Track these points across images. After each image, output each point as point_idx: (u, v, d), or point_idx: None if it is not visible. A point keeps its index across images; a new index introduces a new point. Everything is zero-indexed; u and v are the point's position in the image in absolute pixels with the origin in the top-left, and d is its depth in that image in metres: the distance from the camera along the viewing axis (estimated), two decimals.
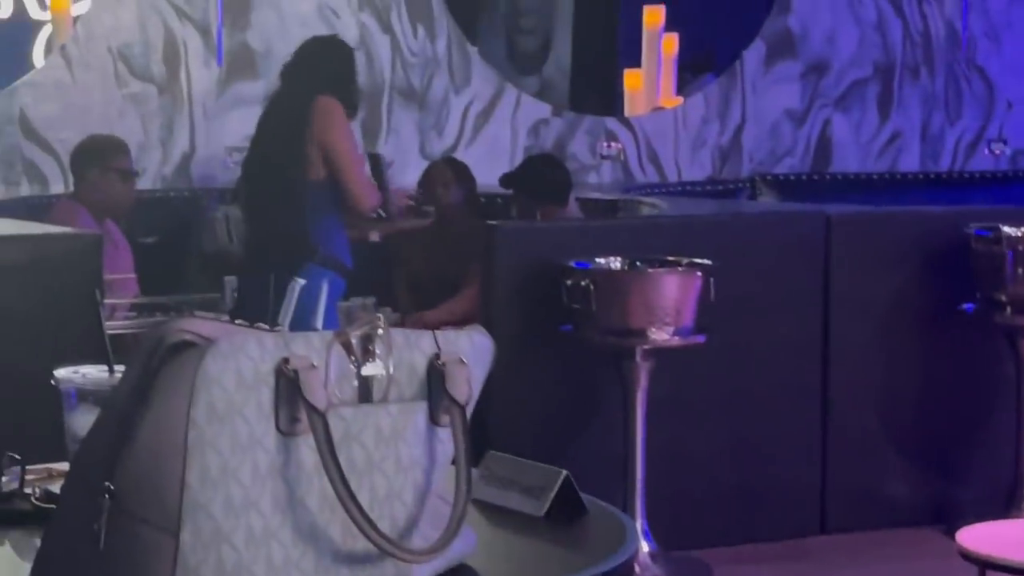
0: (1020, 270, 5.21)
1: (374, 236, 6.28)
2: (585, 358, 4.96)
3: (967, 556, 3.51)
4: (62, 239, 4.63)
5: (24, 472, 2.00)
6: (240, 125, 6.97)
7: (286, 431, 1.55)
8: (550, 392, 5.01)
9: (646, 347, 4.89)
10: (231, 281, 5.82)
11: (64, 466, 2.08)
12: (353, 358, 1.61)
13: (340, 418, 1.58)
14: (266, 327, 1.64)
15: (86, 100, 6.72)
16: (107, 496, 1.53)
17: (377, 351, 1.62)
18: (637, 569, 4.93)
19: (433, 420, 1.65)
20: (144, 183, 6.43)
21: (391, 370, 1.62)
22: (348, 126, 5.55)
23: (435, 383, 1.64)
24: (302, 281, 1.82)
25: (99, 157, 6.07)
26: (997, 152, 8.38)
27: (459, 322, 5.62)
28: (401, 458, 1.62)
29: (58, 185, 6.64)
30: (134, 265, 6.11)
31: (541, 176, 6.24)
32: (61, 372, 1.84)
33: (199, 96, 6.91)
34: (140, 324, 5.58)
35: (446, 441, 1.65)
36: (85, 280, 4.38)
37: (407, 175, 6.88)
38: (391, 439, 1.61)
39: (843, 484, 5.50)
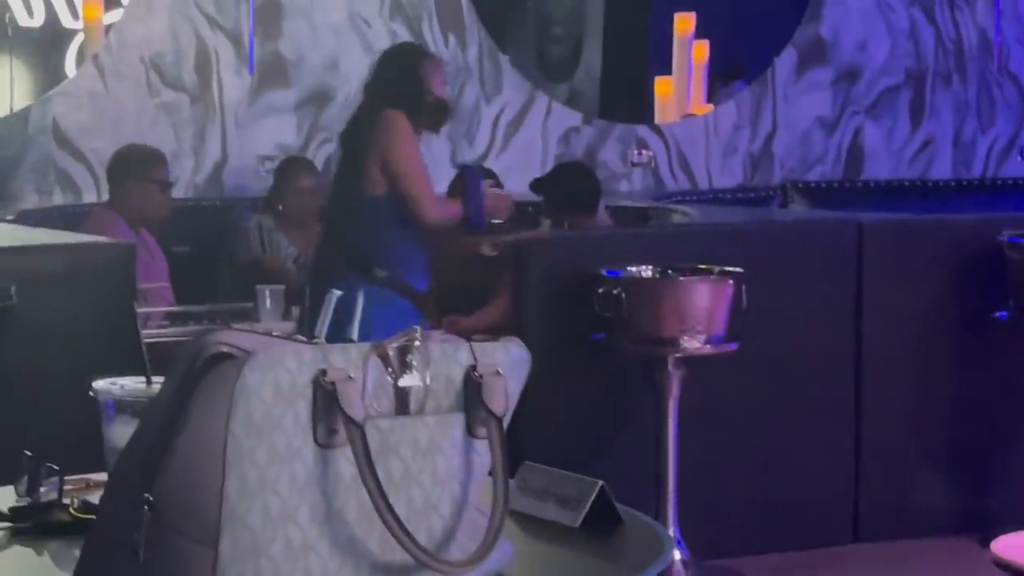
0: None
1: (487, 250, 5.79)
2: (617, 366, 4.96)
3: (1001, 565, 3.49)
4: (97, 248, 4.65)
5: (63, 483, 2.01)
6: (272, 134, 7.00)
7: (324, 443, 1.55)
8: (582, 400, 5.02)
9: (678, 355, 4.89)
10: (263, 290, 5.82)
11: (102, 477, 2.09)
12: (390, 370, 1.61)
13: (377, 430, 1.58)
14: (303, 339, 1.64)
15: (118, 109, 6.75)
16: (146, 507, 1.53)
17: (414, 363, 1.62)
18: None
19: (470, 432, 1.65)
20: (176, 192, 6.45)
21: (428, 382, 1.62)
22: (411, 138, 5.24)
23: (472, 395, 1.64)
24: (338, 292, 1.82)
25: (137, 167, 6.10)
26: None
27: (491, 330, 5.59)
28: (438, 470, 1.62)
29: (91, 194, 6.67)
30: (168, 274, 6.13)
31: (571, 184, 6.23)
32: (99, 383, 1.85)
33: (231, 105, 6.93)
34: (174, 333, 5.58)
35: (483, 453, 1.65)
36: (120, 289, 4.41)
37: (437, 185, 6.89)
38: (428, 451, 1.62)
39: (876, 493, 5.49)
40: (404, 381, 1.61)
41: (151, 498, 1.53)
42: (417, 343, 1.62)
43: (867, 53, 8.01)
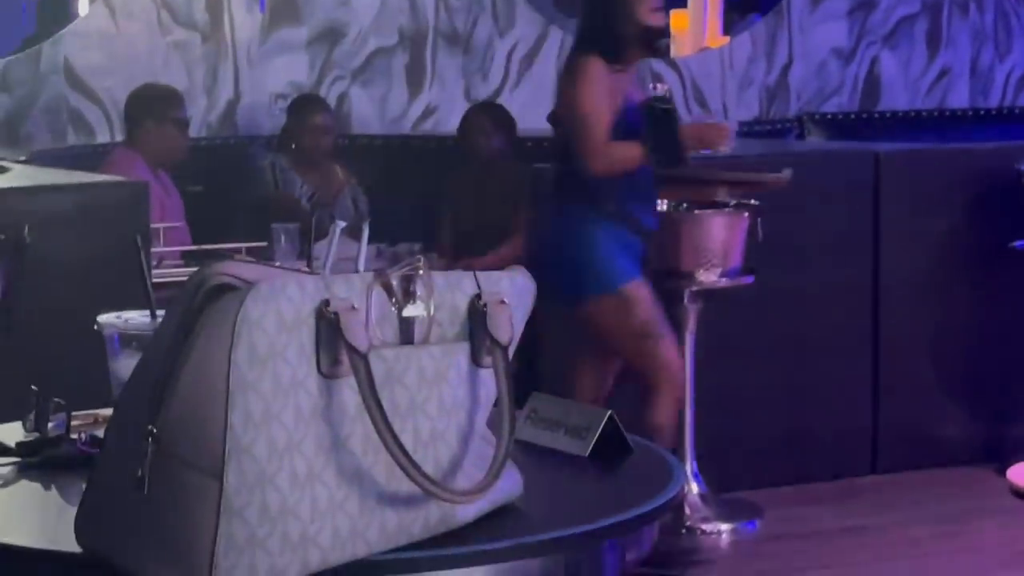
0: None
1: (722, 195, 5.09)
2: None
3: (1018, 493, 3.49)
4: (110, 188, 4.64)
5: (70, 418, 2.00)
6: (284, 71, 6.96)
7: (328, 373, 1.54)
8: None
9: (694, 288, 4.89)
10: (278, 229, 5.81)
11: (110, 412, 2.08)
12: (394, 299, 1.60)
13: (382, 359, 1.57)
14: (307, 271, 1.63)
15: (130, 49, 6.72)
16: (151, 439, 1.52)
17: (418, 292, 1.61)
18: (687, 510, 4.94)
19: (475, 361, 1.64)
20: (190, 131, 6.42)
21: (432, 311, 1.61)
22: (592, 83, 4.72)
23: (477, 324, 1.63)
24: (343, 223, 1.80)
25: (156, 106, 6.08)
26: None
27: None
28: (444, 399, 1.61)
29: (104, 135, 6.65)
30: (184, 214, 6.13)
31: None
32: (104, 317, 1.84)
33: (243, 43, 6.90)
34: (190, 273, 5.59)
35: (489, 382, 1.64)
36: (132, 228, 4.40)
37: (451, 120, 6.86)
38: (434, 380, 1.61)
39: (894, 424, 5.49)
40: (408, 311, 1.60)
41: (155, 430, 1.52)
42: (421, 272, 1.61)
43: None
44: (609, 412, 1.96)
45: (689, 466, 4.99)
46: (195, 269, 5.01)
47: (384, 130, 7.08)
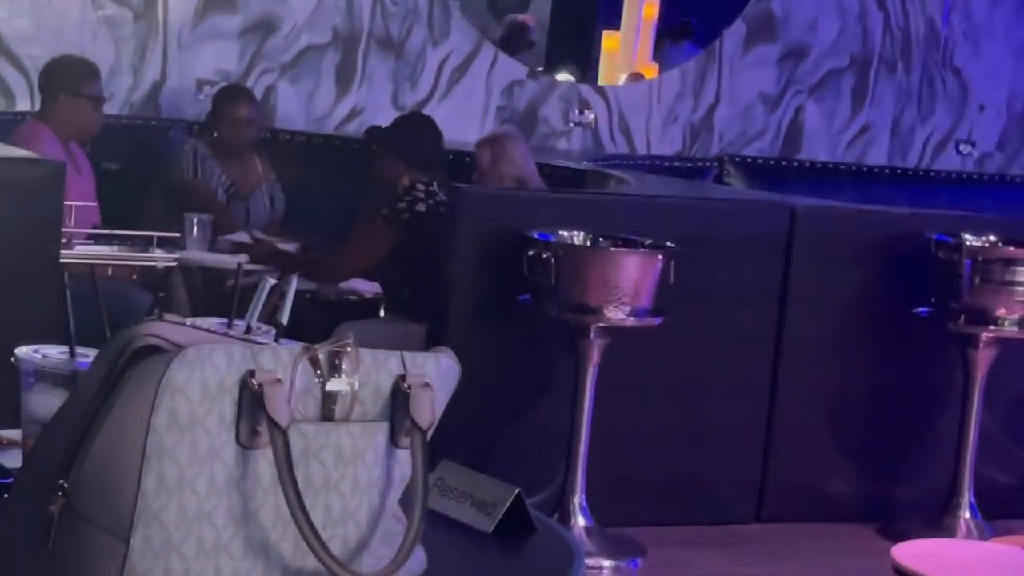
0: (977, 280, 5.23)
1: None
2: (542, 330, 4.97)
3: (900, 572, 3.53)
4: (26, 164, 4.59)
5: None
6: (214, 59, 6.92)
7: (246, 444, 1.54)
8: (505, 360, 5.03)
9: (601, 324, 4.90)
10: (190, 218, 5.77)
11: (15, 434, 2.06)
12: (319, 373, 1.60)
13: (301, 434, 1.57)
14: (235, 334, 1.62)
15: (60, 19, 6.65)
16: (60, 494, 1.51)
17: (344, 368, 1.61)
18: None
19: (393, 442, 1.64)
20: (111, 108, 6.37)
21: (356, 388, 1.61)
22: None
23: (399, 405, 1.63)
24: (272, 280, 1.81)
25: (69, 79, 6.01)
26: (965, 153, 8.41)
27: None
28: (359, 478, 1.61)
29: (25, 102, 6.58)
30: (96, 192, 6.07)
31: (414, 134, 6.00)
32: (21, 350, 1.82)
33: (175, 25, 6.85)
34: (98, 254, 5.54)
35: (404, 463, 1.64)
36: (46, 207, 4.36)
37: (376, 122, 6.85)
38: (351, 459, 1.61)
39: (783, 476, 5.55)
40: (332, 386, 1.60)
41: (66, 485, 1.51)
42: (349, 349, 1.61)
43: (816, 33, 8.03)
44: (517, 490, 1.97)
45: (578, 499, 5.01)
46: (107, 250, 4.92)
47: (308, 127, 7.05)
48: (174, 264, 5.58)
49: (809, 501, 5.57)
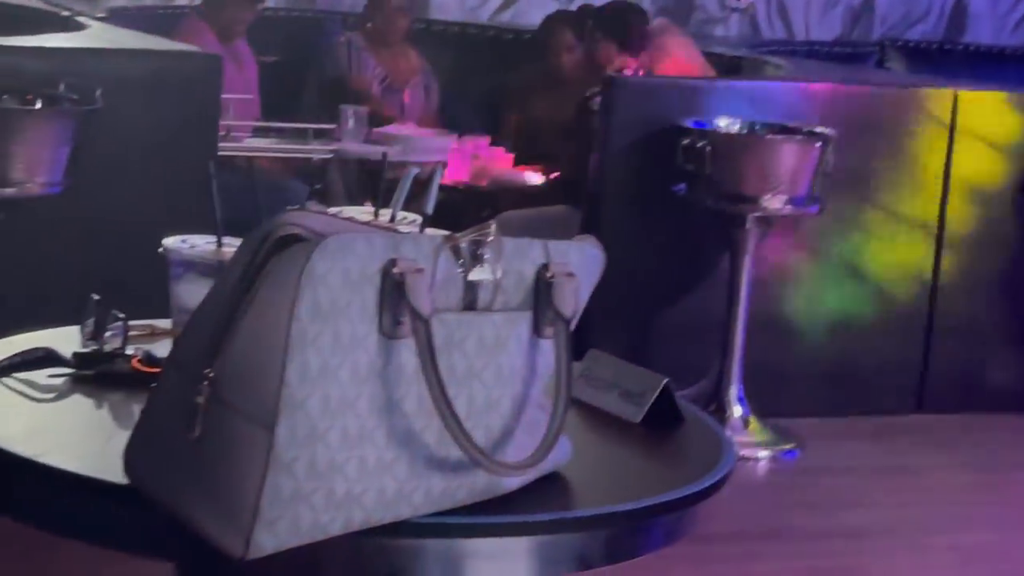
0: None
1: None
2: (695, 220, 4.92)
3: None
4: (184, 57, 4.63)
5: (127, 328, 2.00)
6: None
7: (389, 334, 1.53)
8: (658, 250, 4.99)
9: (757, 214, 4.84)
10: (346, 110, 5.79)
11: (166, 324, 2.08)
12: (461, 262, 1.58)
13: (443, 324, 1.56)
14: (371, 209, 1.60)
15: None
16: (206, 383, 1.52)
17: (486, 257, 1.59)
18: (728, 432, 4.92)
19: (536, 332, 1.63)
20: (268, 1, 6.38)
21: (498, 277, 1.60)
22: None
23: (542, 295, 1.62)
24: (416, 169, 1.79)
25: None
26: None
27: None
28: (502, 368, 1.60)
29: None
30: (258, 85, 6.10)
31: (627, 19, 6.05)
32: (169, 241, 1.83)
33: None
34: (256, 147, 5.59)
35: (548, 353, 1.63)
36: (204, 101, 4.40)
37: (530, 14, 6.79)
38: (493, 348, 1.59)
39: (944, 366, 5.46)
40: (474, 275, 1.59)
41: (212, 374, 1.52)
42: (491, 237, 1.59)
43: None
44: (666, 380, 1.94)
45: (734, 389, 4.98)
46: (265, 143, 4.98)
47: (462, 17, 7.01)
48: (330, 156, 5.62)
49: (970, 391, 5.48)
